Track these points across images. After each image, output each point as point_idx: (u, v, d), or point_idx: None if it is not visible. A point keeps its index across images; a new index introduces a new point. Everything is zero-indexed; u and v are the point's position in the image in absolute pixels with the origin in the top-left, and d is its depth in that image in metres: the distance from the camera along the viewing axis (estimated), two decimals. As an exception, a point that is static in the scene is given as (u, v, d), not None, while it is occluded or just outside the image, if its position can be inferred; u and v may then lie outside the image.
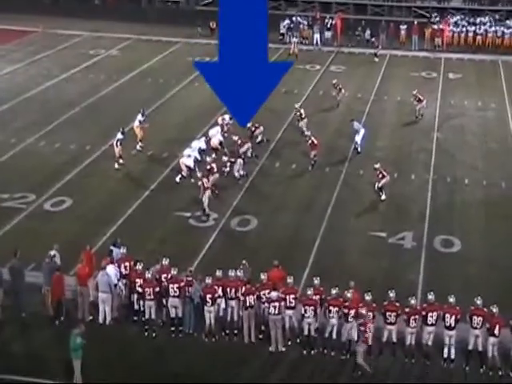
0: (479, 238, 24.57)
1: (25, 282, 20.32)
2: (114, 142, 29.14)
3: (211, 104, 36.10)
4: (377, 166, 26.99)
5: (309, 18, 50.67)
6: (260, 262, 21.10)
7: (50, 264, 20.03)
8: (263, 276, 19.41)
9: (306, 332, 18.90)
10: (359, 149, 30.53)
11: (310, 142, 29.34)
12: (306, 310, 18.72)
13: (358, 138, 30.44)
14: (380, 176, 26.76)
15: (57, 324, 19.64)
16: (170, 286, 19.26)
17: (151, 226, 24.87)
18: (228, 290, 19.22)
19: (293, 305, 18.99)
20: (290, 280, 19.48)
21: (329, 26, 48.75)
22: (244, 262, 20.32)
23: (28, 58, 44.57)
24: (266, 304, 18.94)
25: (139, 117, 30.91)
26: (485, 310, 18.26)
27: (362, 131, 30.49)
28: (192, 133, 31.74)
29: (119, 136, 29.14)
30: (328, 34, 48.69)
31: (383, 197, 26.78)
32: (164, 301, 19.52)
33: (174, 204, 26.36)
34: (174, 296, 19.28)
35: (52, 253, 20.47)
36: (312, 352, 18.84)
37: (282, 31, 48.78)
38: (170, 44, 48.16)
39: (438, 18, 50.03)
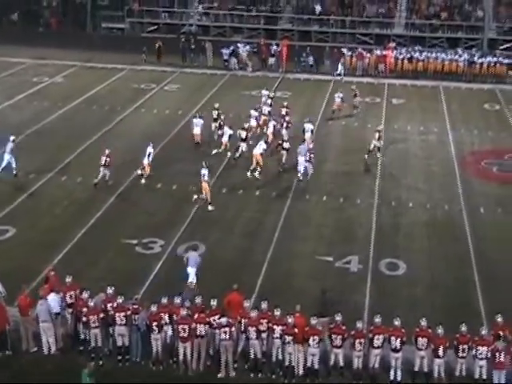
0: (423, 260, 24.93)
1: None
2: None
3: (158, 130, 36.41)
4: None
5: (254, 44, 51.21)
6: (208, 287, 21.09)
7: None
8: (213, 302, 19.38)
9: (252, 356, 18.95)
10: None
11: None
12: (251, 333, 18.79)
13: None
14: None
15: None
16: (117, 314, 19.09)
17: (98, 254, 24.66)
18: (175, 316, 19.14)
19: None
20: (246, 304, 19.63)
21: (273, 52, 49.33)
22: (188, 283, 20.36)
23: (-29, 85, 44.07)
24: (217, 330, 18.92)
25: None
26: (429, 331, 18.51)
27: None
28: (139, 159, 31.60)
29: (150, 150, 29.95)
30: (272, 60, 49.23)
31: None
32: (110, 329, 19.35)
33: (121, 231, 26.20)
34: (120, 324, 19.11)
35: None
36: (259, 375, 18.90)
37: (225, 58, 49.14)
38: (116, 71, 48.00)
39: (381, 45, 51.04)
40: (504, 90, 45.55)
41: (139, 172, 30.29)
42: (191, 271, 22.43)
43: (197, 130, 34.16)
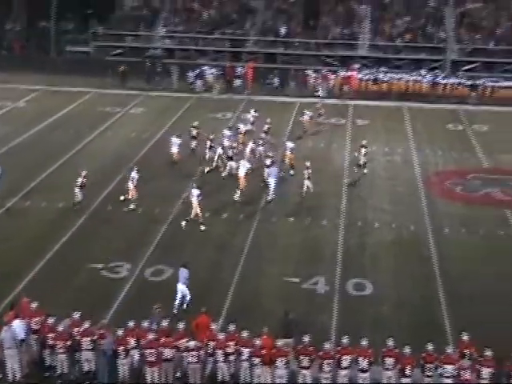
0: (390, 280, 25.07)
1: None
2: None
3: (124, 153, 36.32)
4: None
5: (220, 67, 51.44)
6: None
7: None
8: (181, 325, 19.33)
9: (220, 378, 18.89)
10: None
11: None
12: (219, 355, 18.78)
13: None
14: None
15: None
16: (83, 339, 18.95)
17: (63, 279, 24.43)
18: (142, 341, 19.03)
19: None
20: (214, 326, 19.64)
21: (239, 74, 49.62)
22: (156, 307, 20.30)
23: None
24: (185, 353, 18.85)
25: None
26: (396, 351, 18.60)
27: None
28: (106, 182, 31.51)
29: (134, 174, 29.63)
30: (238, 82, 49.50)
31: None
32: (77, 355, 19.16)
33: (87, 255, 26.02)
34: (86, 349, 18.96)
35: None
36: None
37: (190, 80, 49.30)
38: (81, 94, 47.86)
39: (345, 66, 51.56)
40: (467, 110, 46.29)
41: (122, 198, 30.03)
42: (181, 287, 22.66)
43: (174, 149, 34.63)
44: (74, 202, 29.62)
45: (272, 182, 30.91)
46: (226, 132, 35.79)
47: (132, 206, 29.81)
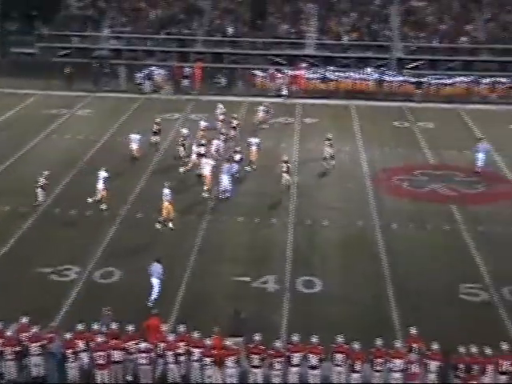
0: (339, 277, 25.29)
1: None
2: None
3: (71, 155, 35.97)
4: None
5: (168, 67, 51.29)
6: (124, 312, 20.89)
7: None
8: (131, 327, 19.23)
9: (170, 380, 18.86)
10: None
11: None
12: (169, 356, 18.77)
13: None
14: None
15: None
16: (33, 344, 18.73)
17: (11, 283, 24.13)
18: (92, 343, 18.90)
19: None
20: (164, 328, 19.68)
21: (187, 74, 49.56)
22: (105, 309, 20.19)
23: None
24: (135, 355, 18.76)
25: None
26: (346, 346, 18.78)
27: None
28: (53, 185, 31.09)
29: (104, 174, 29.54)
30: (186, 82, 49.43)
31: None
32: (25, 360, 18.93)
33: (35, 260, 25.71)
34: (35, 354, 18.74)
35: None
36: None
37: (138, 81, 49.08)
38: (26, 96, 47.25)
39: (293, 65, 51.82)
40: (412, 107, 46.99)
41: (90, 200, 29.70)
42: (155, 282, 23.06)
43: (134, 146, 35.13)
44: (36, 202, 29.47)
45: (225, 179, 31.00)
46: (184, 131, 36.22)
47: (104, 207, 29.64)
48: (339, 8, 58.71)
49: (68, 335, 18.75)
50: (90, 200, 29.60)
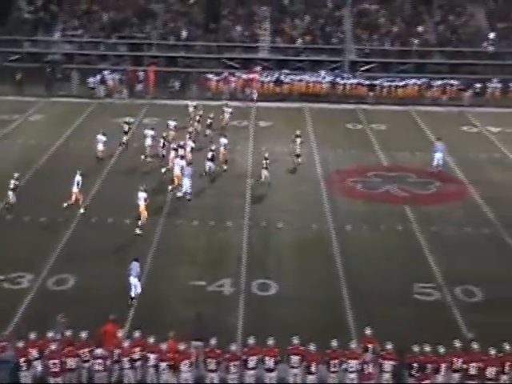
0: (294, 279, 25.42)
1: None
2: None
3: (23, 160, 35.55)
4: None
5: (121, 71, 51.01)
6: (79, 319, 20.73)
7: None
8: (84, 334, 19.08)
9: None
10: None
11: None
12: (125, 363, 18.70)
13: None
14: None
15: None
16: (-16, 353, 18.52)
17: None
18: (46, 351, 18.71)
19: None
20: (120, 334, 19.56)
21: (140, 78, 49.37)
22: (59, 317, 20.02)
23: None
24: (91, 362, 18.63)
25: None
26: (302, 348, 18.87)
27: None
28: (4, 191, 30.64)
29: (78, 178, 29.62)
30: (139, 86, 49.23)
31: None
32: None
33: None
34: (-13, 363, 18.52)
35: None
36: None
37: (91, 86, 48.72)
38: (-24, 102, 46.63)
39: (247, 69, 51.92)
40: (365, 109, 47.53)
41: (65, 205, 29.46)
42: (134, 281, 23.37)
43: (100, 147, 35.70)
44: (7, 204, 29.50)
45: (186, 181, 31.11)
46: (149, 132, 36.80)
47: (81, 210, 29.60)
48: (292, 10, 58.90)
49: (21, 343, 18.52)
50: (65, 205, 29.51)
